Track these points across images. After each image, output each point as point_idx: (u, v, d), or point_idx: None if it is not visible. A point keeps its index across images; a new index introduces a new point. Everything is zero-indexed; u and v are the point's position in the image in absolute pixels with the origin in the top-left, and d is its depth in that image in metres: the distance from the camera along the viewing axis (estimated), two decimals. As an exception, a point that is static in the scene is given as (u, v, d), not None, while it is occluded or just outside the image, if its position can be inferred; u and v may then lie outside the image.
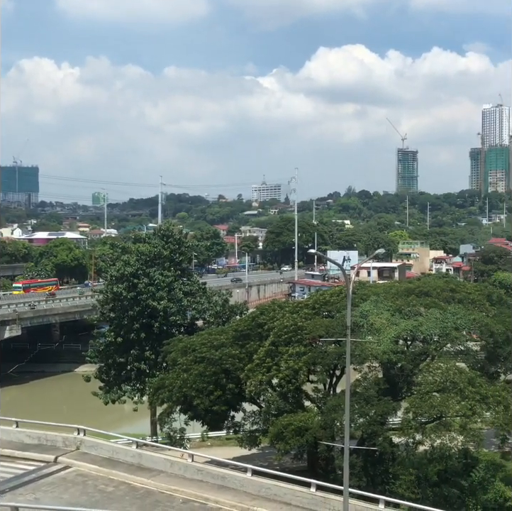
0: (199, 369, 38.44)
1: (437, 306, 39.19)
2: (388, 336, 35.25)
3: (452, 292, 42.96)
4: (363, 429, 33.82)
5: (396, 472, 33.31)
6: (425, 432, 32.31)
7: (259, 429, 39.51)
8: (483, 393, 32.41)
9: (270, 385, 37.96)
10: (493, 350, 39.66)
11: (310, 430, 33.50)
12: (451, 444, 32.27)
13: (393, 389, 36.25)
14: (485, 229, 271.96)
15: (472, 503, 33.45)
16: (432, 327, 36.29)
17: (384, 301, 39.31)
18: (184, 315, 54.70)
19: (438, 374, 33.75)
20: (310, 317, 39.38)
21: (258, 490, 28.63)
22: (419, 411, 32.37)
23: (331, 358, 36.09)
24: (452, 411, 32.17)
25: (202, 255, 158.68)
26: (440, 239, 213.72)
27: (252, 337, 40.36)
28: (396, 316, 37.55)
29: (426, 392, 32.94)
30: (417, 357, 37.02)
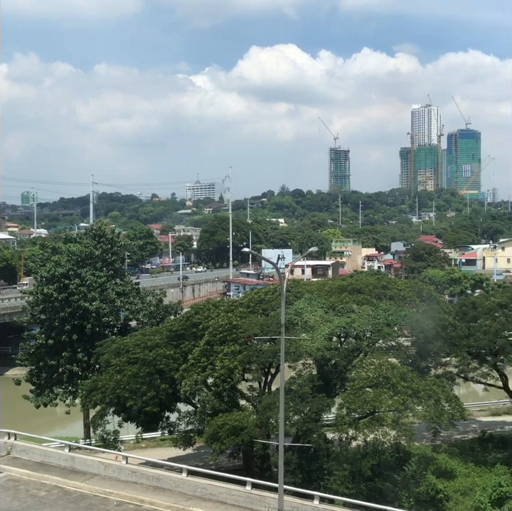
0: (133, 370, 37.92)
1: (370, 302, 39.78)
2: (322, 333, 35.54)
3: (384, 289, 43.67)
4: (298, 426, 33.96)
5: (330, 468, 33.59)
6: (359, 427, 32.70)
7: (195, 429, 39.30)
8: (414, 388, 33.03)
9: (205, 384, 37.79)
10: (424, 345, 40.52)
11: (245, 429, 33.46)
12: (384, 439, 32.74)
13: (328, 386, 36.56)
14: (415, 227, 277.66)
15: (405, 496, 34.09)
16: (364, 323, 36.78)
17: (318, 298, 39.65)
18: (117, 316, 53.93)
19: (371, 369, 34.24)
20: (245, 316, 39.37)
21: (194, 490, 28.50)
22: (353, 407, 32.72)
23: (266, 356, 36.16)
24: (385, 406, 32.67)
25: (135, 254, 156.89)
26: (371, 237, 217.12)
27: (186, 337, 40.08)
28: (329, 314, 37.91)
29: (359, 387, 33.35)
30: (350, 353, 37.44)
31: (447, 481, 37.23)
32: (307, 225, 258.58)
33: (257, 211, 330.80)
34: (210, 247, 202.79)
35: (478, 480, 37.83)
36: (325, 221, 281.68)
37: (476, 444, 44.36)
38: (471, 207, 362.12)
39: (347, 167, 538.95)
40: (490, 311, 43.12)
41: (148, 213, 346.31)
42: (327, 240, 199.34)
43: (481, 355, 42.54)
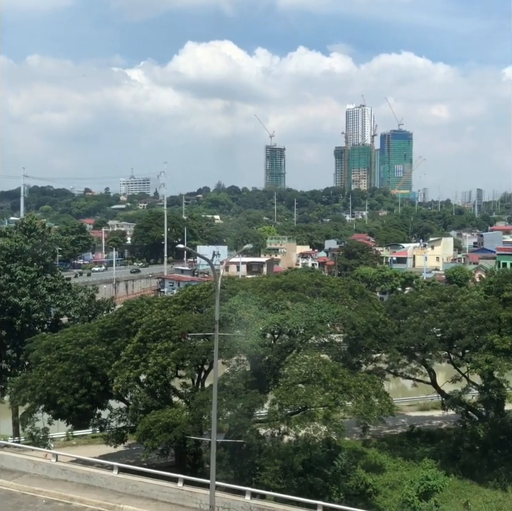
0: (64, 367, 37.33)
1: (303, 299, 40.16)
2: (256, 329, 35.73)
3: (317, 286, 44.17)
4: (231, 422, 34.10)
5: (262, 463, 33.83)
6: (291, 423, 33.04)
7: (127, 427, 38.96)
8: (345, 384, 33.57)
9: (138, 381, 37.52)
10: (355, 341, 41.17)
11: (178, 426, 33.39)
12: (315, 434, 33.16)
13: (261, 382, 36.79)
14: (348, 225, 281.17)
15: (335, 490, 34.59)
16: (298, 320, 37.10)
17: (253, 295, 39.79)
18: (48, 312, 52.90)
19: (303, 366, 34.63)
20: (180, 312, 39.21)
21: (125, 487, 28.32)
22: (285, 403, 33.06)
23: (200, 352, 36.14)
24: (316, 402, 33.10)
25: (67, 249, 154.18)
26: (306, 234, 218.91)
27: (119, 333, 39.70)
28: (263, 310, 38.09)
29: (292, 383, 33.68)
30: (283, 349, 37.77)
31: (376, 475, 38.04)
32: (242, 222, 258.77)
33: (192, 207, 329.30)
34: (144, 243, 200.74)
35: (406, 473, 38.72)
36: (261, 218, 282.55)
37: (404, 439, 45.39)
38: (402, 206, 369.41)
39: (282, 164, 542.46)
40: (419, 308, 44.14)
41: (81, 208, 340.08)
42: (262, 237, 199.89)
43: (410, 351, 43.52)
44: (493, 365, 37.71)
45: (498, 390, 39.63)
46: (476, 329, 40.48)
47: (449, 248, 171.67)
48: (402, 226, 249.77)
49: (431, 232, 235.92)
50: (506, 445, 40.41)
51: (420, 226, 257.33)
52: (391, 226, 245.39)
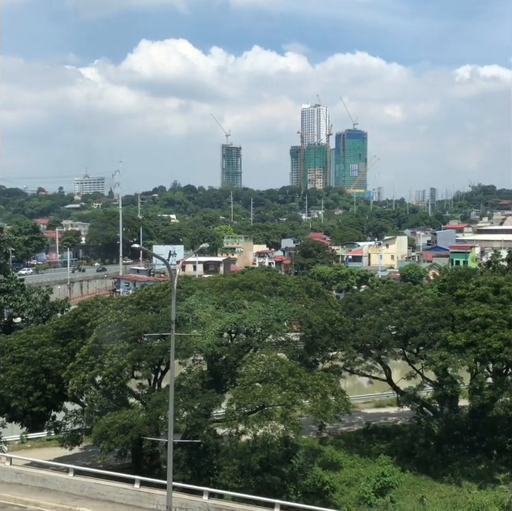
0: (17, 369, 36.74)
1: (260, 298, 40.24)
2: (213, 329, 35.67)
3: (274, 285, 44.31)
4: (188, 423, 33.96)
5: (220, 463, 33.79)
6: (248, 422, 33.03)
7: (82, 429, 38.47)
8: (302, 383, 33.73)
9: (93, 383, 37.08)
10: (312, 340, 41.40)
11: (134, 427, 33.11)
12: (273, 433, 33.20)
13: (218, 382, 36.75)
14: (304, 224, 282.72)
15: (293, 489, 34.71)
16: (255, 319, 37.17)
17: (209, 295, 39.72)
18: (1, 313, 52.04)
19: (261, 365, 34.67)
20: (135, 313, 38.88)
21: (81, 489, 28.04)
22: (242, 402, 33.05)
23: (156, 353, 35.89)
24: (274, 401, 33.21)
25: (20, 250, 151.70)
26: (262, 234, 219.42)
27: (74, 335, 39.23)
28: (220, 310, 38.06)
29: (249, 383, 33.67)
30: (240, 349, 37.78)
31: (333, 473, 38.29)
32: (199, 221, 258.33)
33: (148, 206, 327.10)
34: (99, 243, 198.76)
35: (363, 470, 39.08)
36: (217, 218, 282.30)
37: (361, 436, 45.78)
38: (357, 205, 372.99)
39: (239, 164, 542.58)
40: (374, 306, 44.58)
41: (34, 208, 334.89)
42: (219, 236, 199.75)
43: (366, 349, 43.93)
44: (447, 361, 38.28)
45: (452, 386, 40.25)
46: (430, 326, 41.08)
47: (403, 246, 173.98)
48: (357, 224, 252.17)
49: (386, 231, 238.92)
50: (460, 440, 41.12)
51: (375, 224, 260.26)
52: (347, 225, 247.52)
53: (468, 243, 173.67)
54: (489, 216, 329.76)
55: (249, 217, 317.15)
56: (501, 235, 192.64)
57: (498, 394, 39.31)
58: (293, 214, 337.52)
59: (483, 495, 35.92)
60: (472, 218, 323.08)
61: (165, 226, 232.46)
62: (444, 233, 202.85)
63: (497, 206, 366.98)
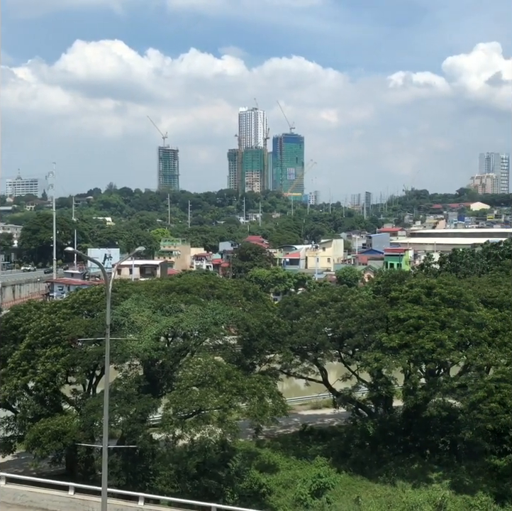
0: None
1: (197, 302, 40.13)
2: (149, 333, 35.33)
3: (212, 288, 44.27)
4: (123, 428, 33.58)
5: (156, 468, 33.53)
6: (185, 427, 32.89)
7: (15, 435, 37.57)
8: (239, 386, 33.79)
9: (26, 389, 36.32)
10: (249, 343, 41.53)
11: (68, 433, 32.59)
12: (210, 437, 33.24)
13: (154, 386, 36.45)
14: (242, 227, 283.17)
15: (230, 492, 34.74)
16: (192, 323, 37.00)
17: (146, 298, 39.36)
18: None
19: (198, 369, 34.57)
20: (69, 317, 38.24)
21: (13, 497, 27.41)
22: (179, 407, 32.89)
23: (91, 358, 35.36)
24: (211, 404, 33.20)
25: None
26: (200, 237, 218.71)
27: (5, 340, 38.28)
28: (157, 314, 37.76)
29: (186, 387, 33.55)
30: (177, 353, 37.55)
31: (269, 475, 38.40)
32: (135, 224, 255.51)
33: (82, 209, 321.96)
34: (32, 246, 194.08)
35: (299, 472, 39.29)
36: (154, 221, 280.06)
37: (297, 437, 46.06)
38: (295, 209, 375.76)
39: (176, 166, 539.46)
40: (311, 308, 44.94)
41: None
42: (155, 239, 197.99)
43: (302, 351, 44.24)
44: (382, 362, 38.88)
45: (386, 387, 40.91)
46: (366, 328, 41.65)
47: (339, 249, 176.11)
48: (295, 228, 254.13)
49: (322, 234, 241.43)
50: (394, 440, 41.80)
51: (312, 228, 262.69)
52: (284, 228, 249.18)
53: (402, 246, 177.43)
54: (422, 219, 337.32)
55: (186, 220, 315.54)
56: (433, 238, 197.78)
57: (431, 395, 40.12)
58: (231, 217, 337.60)
59: (417, 494, 36.65)
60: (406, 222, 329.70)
61: (100, 228, 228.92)
62: (379, 237, 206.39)
63: (429, 210, 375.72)
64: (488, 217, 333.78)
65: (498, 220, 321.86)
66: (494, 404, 35.82)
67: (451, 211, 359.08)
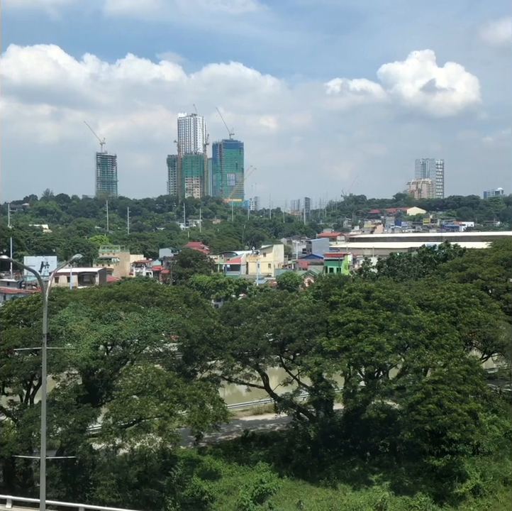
0: None
1: (137, 309, 39.79)
2: (87, 342, 34.83)
3: (151, 295, 43.92)
4: (62, 438, 32.96)
5: (96, 478, 33.00)
6: (125, 436, 32.58)
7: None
8: (180, 393, 33.62)
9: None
10: (190, 350, 41.34)
11: (5, 445, 31.81)
12: (150, 446, 32.99)
13: (94, 396, 35.95)
14: (182, 233, 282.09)
15: (171, 501, 34.50)
16: (131, 331, 36.64)
17: (84, 307, 38.81)
18: None
19: (138, 377, 34.23)
20: (5, 327, 37.40)
21: None
22: (119, 416, 32.52)
23: (28, 368, 34.61)
24: (151, 413, 32.98)
25: None
26: (140, 243, 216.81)
27: None
28: (96, 322, 37.28)
29: (126, 396, 33.19)
30: (117, 361, 37.11)
31: (211, 482, 38.24)
32: (73, 231, 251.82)
33: (18, 216, 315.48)
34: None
35: (241, 478, 39.24)
36: (92, 227, 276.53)
37: (239, 444, 45.98)
38: (235, 215, 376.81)
39: (114, 172, 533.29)
40: (252, 314, 45.00)
41: None
42: (94, 246, 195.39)
43: (244, 357, 44.24)
44: (322, 366, 39.21)
45: (327, 391, 41.29)
46: (306, 333, 41.95)
47: (280, 254, 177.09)
48: (235, 233, 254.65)
49: (263, 239, 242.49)
50: (335, 444, 42.18)
51: (253, 233, 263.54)
52: (225, 234, 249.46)
53: (341, 250, 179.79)
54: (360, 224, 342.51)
55: (125, 227, 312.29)
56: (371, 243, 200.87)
57: (370, 397, 40.63)
58: (170, 224, 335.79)
59: (358, 497, 37.11)
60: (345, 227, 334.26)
61: (37, 236, 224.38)
62: (319, 242, 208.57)
63: (367, 215, 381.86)
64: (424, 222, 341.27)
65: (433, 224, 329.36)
66: (432, 405, 36.55)
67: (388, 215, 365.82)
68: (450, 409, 36.25)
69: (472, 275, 57.83)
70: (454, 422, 36.26)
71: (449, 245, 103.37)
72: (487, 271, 57.24)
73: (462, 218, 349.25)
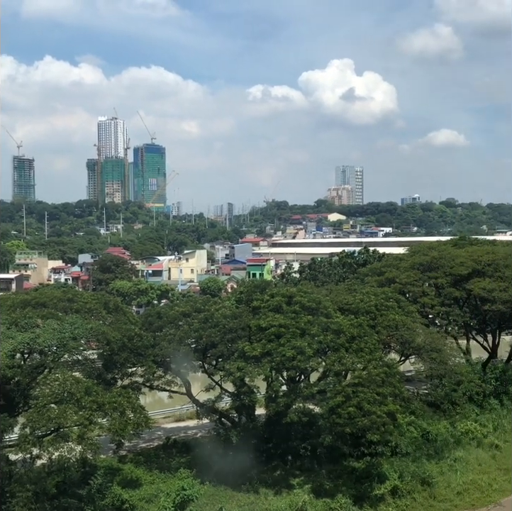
0: None
1: (55, 316, 39.05)
2: (3, 350, 33.95)
3: (70, 302, 43.11)
4: (-24, 452, 31.89)
5: (13, 490, 32.11)
6: (43, 446, 31.86)
7: None
8: (100, 401, 33.07)
9: None
10: (110, 357, 40.72)
11: None
12: (69, 455, 32.30)
13: (10, 405, 35.04)
14: (103, 239, 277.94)
15: (91, 510, 33.80)
16: (49, 338, 35.86)
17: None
18: None
19: (56, 385, 33.49)
20: None
21: None
22: (36, 425, 31.74)
23: None
24: (70, 421, 32.33)
25: None
26: (58, 249, 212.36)
27: None
28: (12, 330, 36.39)
29: (43, 404, 32.41)
30: (34, 370, 36.24)
31: (132, 490, 37.67)
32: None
33: None
34: None
35: (162, 485, 38.82)
36: (9, 232, 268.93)
37: (161, 451, 45.51)
38: (157, 220, 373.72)
39: (31, 176, 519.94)
40: (174, 320, 44.67)
41: None
42: (10, 252, 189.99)
43: (165, 364, 43.85)
44: (244, 372, 39.27)
45: (249, 396, 41.38)
46: (229, 338, 41.94)
47: (203, 260, 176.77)
48: (157, 239, 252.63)
49: (186, 245, 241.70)
50: (257, 448, 42.28)
51: (175, 239, 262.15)
52: (147, 239, 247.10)
53: (264, 256, 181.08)
54: (283, 230, 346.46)
55: (43, 232, 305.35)
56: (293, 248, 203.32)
57: (292, 401, 40.96)
58: (90, 229, 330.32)
59: (279, 501, 37.35)
60: (267, 233, 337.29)
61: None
62: (242, 247, 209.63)
63: (290, 221, 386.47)
64: (344, 227, 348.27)
65: (353, 230, 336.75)
66: (352, 408, 37.14)
67: (310, 221, 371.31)
68: (370, 412, 36.92)
69: (390, 280, 59.06)
70: (374, 424, 36.96)
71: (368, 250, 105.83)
72: (404, 276, 58.57)
73: (381, 224, 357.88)
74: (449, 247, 68.10)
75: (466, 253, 61.73)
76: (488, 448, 45.80)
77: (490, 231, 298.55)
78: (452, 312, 57.21)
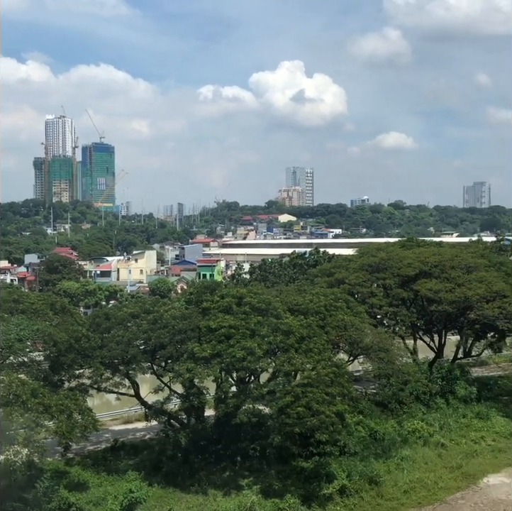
0: None
1: (1, 318, 38.17)
2: None
3: (16, 303, 42.37)
4: None
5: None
6: (-12, 450, 31.10)
7: None
8: (46, 403, 32.60)
9: None
10: (57, 359, 40.11)
11: None
12: (16, 458, 31.71)
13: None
14: (50, 239, 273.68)
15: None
16: (-6, 340, 35.10)
17: None
18: None
19: (1, 388, 32.82)
20: None
21: None
22: (-20, 429, 31.00)
23: None
24: (16, 424, 31.67)
25: None
26: (4, 249, 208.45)
27: None
28: (-46, 331, 35.38)
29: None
30: (-22, 372, 35.37)
31: (79, 493, 37.14)
32: None
33: None
34: None
35: (110, 488, 38.39)
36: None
37: (108, 453, 44.98)
38: (106, 220, 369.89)
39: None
40: (123, 321, 44.21)
41: None
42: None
43: (114, 365, 43.36)
44: (194, 373, 39.07)
45: (198, 397, 41.20)
46: (178, 339, 41.68)
47: (152, 260, 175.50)
48: (106, 239, 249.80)
49: (135, 245, 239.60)
50: (206, 450, 42.19)
51: (124, 239, 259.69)
52: (95, 240, 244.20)
53: (214, 256, 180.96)
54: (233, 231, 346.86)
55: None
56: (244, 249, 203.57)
57: (242, 402, 40.94)
58: (37, 228, 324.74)
59: (228, 502, 37.28)
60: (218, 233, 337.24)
61: None
62: (192, 248, 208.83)
63: (240, 222, 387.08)
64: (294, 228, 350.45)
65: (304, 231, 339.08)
66: (301, 408, 37.27)
67: (260, 222, 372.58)
68: (318, 411, 37.11)
69: (339, 281, 59.60)
70: (322, 424, 37.17)
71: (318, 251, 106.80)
72: (353, 277, 59.17)
73: (331, 225, 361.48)
74: (397, 248, 68.96)
75: (413, 254, 62.67)
76: (434, 447, 46.45)
77: (437, 232, 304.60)
78: (399, 313, 58.11)
